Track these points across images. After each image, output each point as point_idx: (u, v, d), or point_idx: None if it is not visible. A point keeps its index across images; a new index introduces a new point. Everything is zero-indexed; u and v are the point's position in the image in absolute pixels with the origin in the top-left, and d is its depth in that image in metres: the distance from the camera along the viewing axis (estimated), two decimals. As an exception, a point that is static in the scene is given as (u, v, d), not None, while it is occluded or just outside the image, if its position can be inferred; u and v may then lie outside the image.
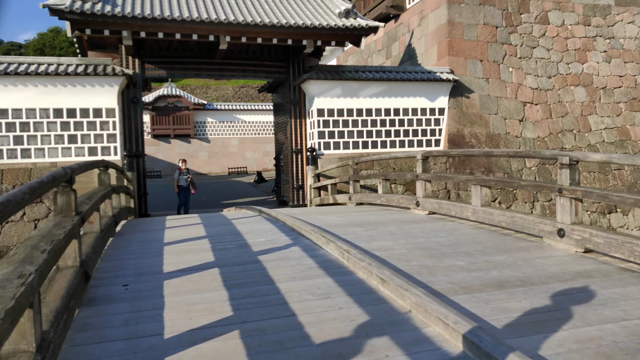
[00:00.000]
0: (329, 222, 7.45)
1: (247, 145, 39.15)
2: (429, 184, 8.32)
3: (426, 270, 4.74)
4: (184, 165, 14.93)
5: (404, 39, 19.56)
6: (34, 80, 12.12)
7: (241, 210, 10.67)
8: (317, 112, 14.45)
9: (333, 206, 11.89)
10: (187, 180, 14.66)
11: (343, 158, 14.60)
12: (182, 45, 14.10)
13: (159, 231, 7.15)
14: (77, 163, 4.64)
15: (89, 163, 5.03)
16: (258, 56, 14.74)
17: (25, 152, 12.21)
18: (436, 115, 15.80)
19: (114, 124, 12.83)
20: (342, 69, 14.95)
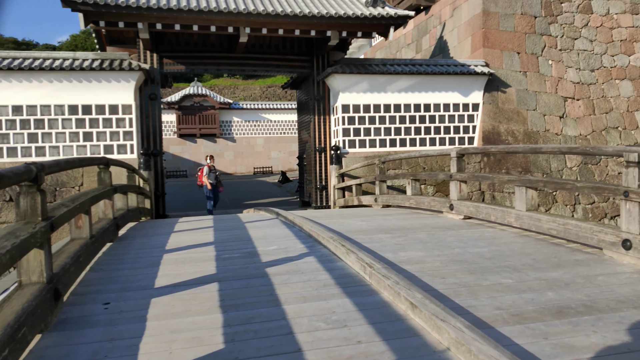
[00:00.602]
0: (350, 228, 6.67)
1: (272, 144, 38.68)
2: (465, 185, 7.44)
3: (466, 290, 3.91)
4: (212, 161, 14.12)
5: (434, 32, 18.57)
6: (48, 76, 11.73)
7: (259, 212, 9.99)
8: (341, 109, 13.67)
9: (357, 208, 11.09)
10: (216, 178, 13.94)
11: (369, 157, 13.76)
12: (201, 40, 13.53)
13: (163, 236, 6.51)
14: (54, 159, 4.00)
15: (71, 160, 4.39)
16: (280, 50, 14.06)
17: (40, 150, 11.83)
18: (470, 111, 14.79)
19: (130, 121, 12.34)
20: (369, 62, 14.12)
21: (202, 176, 13.71)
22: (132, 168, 9.06)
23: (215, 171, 13.92)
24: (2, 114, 11.60)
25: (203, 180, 13.63)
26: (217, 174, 13.96)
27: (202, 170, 13.75)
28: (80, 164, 4.74)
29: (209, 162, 14.00)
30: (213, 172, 13.86)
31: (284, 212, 7.87)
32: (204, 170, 13.71)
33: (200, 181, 13.76)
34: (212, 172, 13.78)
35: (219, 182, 14.00)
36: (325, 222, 7.24)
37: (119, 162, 7.36)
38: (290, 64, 14.12)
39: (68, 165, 4.26)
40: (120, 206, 7.65)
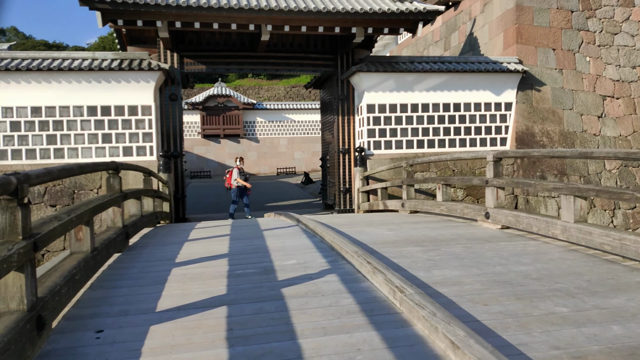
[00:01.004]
0: (377, 238, 6.11)
1: (296, 145, 38.31)
2: (502, 192, 6.80)
3: (514, 321, 3.33)
4: (241, 163, 13.47)
5: (464, 28, 17.82)
6: (67, 77, 11.50)
7: (279, 217, 9.51)
8: (366, 108, 13.10)
9: (383, 213, 10.51)
10: (245, 180, 13.32)
11: (395, 159, 13.16)
12: (222, 39, 13.15)
13: (175, 245, 6.08)
14: (45, 168, 3.58)
15: (68, 167, 3.96)
16: (303, 48, 13.57)
17: (58, 151, 11.62)
18: (502, 110, 14.03)
19: (150, 122, 12.04)
20: (395, 59, 13.51)
21: (230, 178, 13.13)
22: (148, 171, 8.69)
23: (244, 174, 13.35)
24: (22, 115, 11.43)
25: (232, 182, 13.03)
26: (246, 176, 13.39)
27: (231, 172, 13.17)
28: (81, 171, 4.34)
29: (239, 164, 13.40)
30: (242, 174, 13.26)
31: (304, 220, 7.36)
32: (233, 172, 13.11)
33: (229, 183, 13.17)
34: (241, 175, 13.17)
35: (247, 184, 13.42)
36: (348, 231, 6.71)
37: (132, 166, 6.98)
38: (314, 62, 13.62)
39: (65, 173, 3.84)
40: (134, 212, 7.27)
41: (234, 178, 12.97)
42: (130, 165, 6.76)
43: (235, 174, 13.00)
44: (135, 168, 7.33)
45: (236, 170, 13.09)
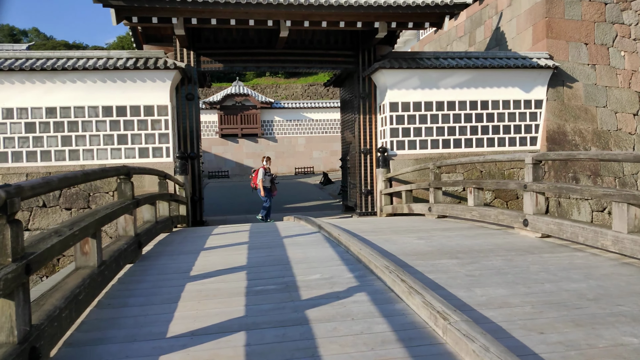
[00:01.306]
0: (406, 248, 5.64)
1: (314, 144, 37.92)
2: (542, 198, 6.27)
3: (579, 355, 2.84)
4: (268, 163, 12.84)
5: (490, 23, 17.17)
6: (82, 76, 11.26)
7: (300, 222, 9.09)
8: (389, 107, 12.60)
9: (409, 218, 10.02)
10: (271, 181, 12.67)
11: (420, 159, 12.64)
12: (240, 36, 12.79)
13: (191, 255, 5.70)
14: (43, 177, 3.19)
15: (71, 176, 3.58)
16: (323, 45, 13.13)
17: (74, 153, 11.39)
18: (532, 108, 13.40)
19: (166, 123, 11.74)
20: (420, 55, 12.98)
21: (256, 178, 12.58)
22: (164, 174, 8.35)
23: (271, 174, 12.79)
24: (36, 116, 11.23)
25: (257, 183, 12.50)
26: (272, 176, 12.82)
27: (257, 172, 12.61)
28: (86, 179, 3.97)
29: (265, 164, 12.78)
30: (269, 174, 12.66)
31: (327, 226, 6.93)
32: (258, 172, 12.54)
33: (255, 183, 12.65)
34: (267, 175, 12.57)
35: (273, 186, 12.78)
36: (374, 240, 6.25)
37: (146, 169, 6.63)
38: (334, 59, 13.17)
39: (65, 183, 3.46)
40: (148, 217, 6.93)
41: (259, 178, 12.43)
42: (143, 169, 6.40)
43: (260, 174, 12.45)
44: (150, 172, 6.98)
45: (262, 171, 12.52)
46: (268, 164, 12.85)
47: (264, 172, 12.51)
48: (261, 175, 12.40)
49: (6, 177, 11.06)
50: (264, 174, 12.49)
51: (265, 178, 12.46)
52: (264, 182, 12.38)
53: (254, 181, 12.62)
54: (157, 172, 7.83)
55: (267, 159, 13.01)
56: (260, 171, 12.51)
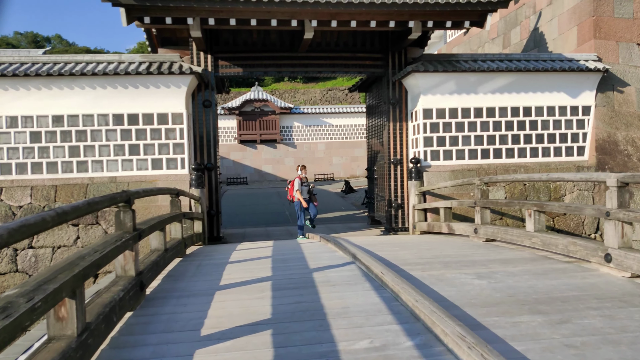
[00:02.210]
0: (469, 294, 4.56)
1: (334, 150, 36.96)
2: (630, 228, 5.13)
3: None
4: (304, 172, 11.58)
5: (527, 23, 15.97)
6: (91, 82, 10.44)
7: (327, 243, 8.07)
8: (423, 113, 11.52)
9: (449, 238, 8.91)
10: (309, 191, 11.42)
11: (456, 171, 11.52)
12: (261, 38, 11.86)
13: (203, 298, 4.70)
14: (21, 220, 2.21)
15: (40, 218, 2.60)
16: (350, 47, 12.12)
17: (82, 165, 10.56)
18: (579, 115, 12.17)
19: (181, 132, 10.84)
20: (455, 57, 11.87)
21: (292, 190, 11.38)
22: (176, 192, 7.41)
23: (308, 184, 11.53)
24: (42, 125, 10.43)
25: (294, 195, 11.30)
26: (310, 186, 11.54)
27: (293, 182, 11.39)
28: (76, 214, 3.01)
29: (301, 173, 11.52)
30: (305, 184, 11.42)
31: (363, 256, 5.88)
32: (294, 183, 11.31)
33: (291, 196, 11.42)
34: (304, 185, 11.36)
35: (312, 197, 11.54)
36: (423, 277, 5.19)
37: (152, 190, 5.68)
38: (361, 62, 12.14)
39: (38, 227, 2.48)
40: (156, 245, 5.97)
41: (295, 189, 11.25)
42: (149, 190, 5.44)
43: (296, 185, 11.26)
44: (158, 192, 6.02)
45: (298, 181, 11.31)
46: (304, 173, 11.55)
47: (301, 183, 11.32)
48: (297, 186, 11.23)
49: (9, 190, 10.27)
50: (301, 184, 11.30)
51: (302, 189, 11.28)
52: (301, 193, 11.21)
53: (290, 193, 11.43)
54: (169, 190, 6.88)
55: (303, 167, 11.66)
56: (296, 182, 11.31)
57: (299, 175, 11.46)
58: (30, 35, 71.22)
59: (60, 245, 10.11)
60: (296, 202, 11.28)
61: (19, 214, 10.19)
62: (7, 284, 9.92)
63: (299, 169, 11.64)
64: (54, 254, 10.07)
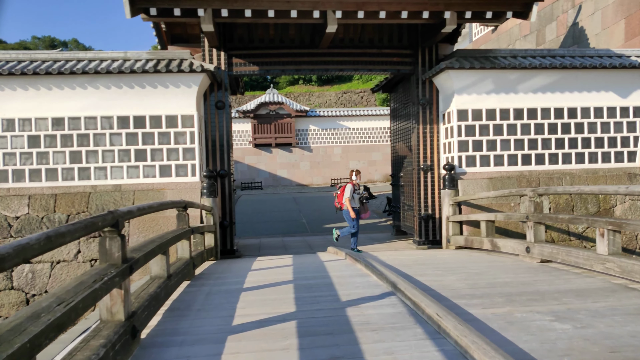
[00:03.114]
0: (556, 346, 3.49)
1: (350, 154, 35.95)
2: None
3: None
4: (358, 178, 10.23)
5: (564, 18, 14.79)
6: (94, 81, 9.56)
7: (355, 263, 7.03)
8: (457, 115, 10.43)
9: (492, 255, 7.80)
10: (360, 200, 10.12)
11: (495, 178, 10.41)
12: (278, 35, 10.89)
13: (211, 347, 3.69)
14: None
15: None
16: (375, 43, 11.09)
17: (84, 171, 9.67)
18: (630, 117, 10.98)
19: (191, 136, 9.90)
20: (493, 53, 10.77)
21: (342, 196, 10.08)
22: (183, 204, 6.44)
23: (359, 191, 10.17)
24: (41, 129, 9.57)
25: (343, 202, 10.00)
26: (362, 194, 10.20)
27: (344, 188, 10.14)
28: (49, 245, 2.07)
29: (355, 178, 10.21)
30: (358, 192, 10.13)
31: (407, 287, 4.83)
32: (345, 190, 10.04)
33: (339, 202, 10.15)
34: (356, 193, 10.06)
35: (363, 206, 10.16)
36: (489, 319, 4.13)
37: (153, 206, 4.70)
38: (387, 59, 11.10)
39: None
40: (157, 272, 5.00)
41: (345, 196, 9.95)
42: (147, 207, 4.47)
43: (348, 192, 9.93)
44: (159, 207, 5.04)
45: (350, 188, 9.96)
46: (358, 178, 10.21)
47: (353, 189, 9.99)
48: (349, 193, 9.90)
49: (5, 199, 9.42)
50: (353, 191, 9.99)
51: (354, 196, 9.98)
52: (352, 201, 9.89)
53: (339, 200, 10.14)
54: (173, 204, 5.91)
55: (357, 172, 10.29)
56: (347, 189, 9.98)
57: (352, 181, 10.15)
58: (47, 40, 71.59)
59: (60, 260, 9.22)
60: (346, 211, 10.03)
61: (15, 225, 9.33)
62: (2, 303, 9.05)
63: (352, 174, 10.26)
64: (52, 269, 9.18)
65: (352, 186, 10.01)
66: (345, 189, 9.99)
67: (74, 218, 9.45)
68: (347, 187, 10.02)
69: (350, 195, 9.88)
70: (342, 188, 10.14)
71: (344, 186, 10.11)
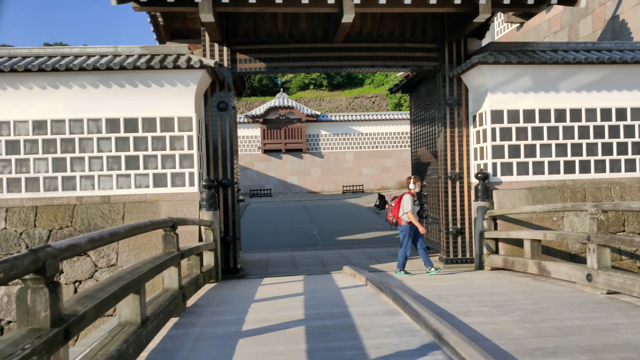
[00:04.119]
0: None
1: (363, 160, 34.72)
2: None
3: None
4: (417, 186, 8.58)
5: (601, 11, 13.49)
6: (80, 79, 8.47)
7: (380, 294, 5.81)
8: (491, 116, 9.19)
9: (541, 282, 6.52)
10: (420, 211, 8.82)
11: (534, 188, 9.14)
12: (287, 29, 9.76)
13: None
14: None
15: None
16: (395, 37, 9.91)
17: (69, 181, 8.57)
18: (686, 118, 9.66)
19: (189, 140, 8.77)
20: (531, 47, 9.53)
21: (398, 209, 8.42)
22: (171, 223, 5.28)
23: (420, 202, 8.63)
24: (21, 133, 8.49)
25: (400, 216, 8.37)
26: (423, 206, 8.63)
27: (399, 200, 8.45)
28: None
29: (413, 187, 8.52)
30: (418, 203, 8.65)
31: (457, 340, 3.61)
32: (404, 200, 8.34)
33: (395, 217, 8.44)
34: (416, 205, 8.50)
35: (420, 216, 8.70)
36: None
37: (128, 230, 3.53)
38: (409, 55, 9.90)
39: None
40: (127, 317, 3.82)
41: (404, 210, 8.30)
42: (109, 234, 3.31)
43: (407, 204, 8.28)
44: (129, 232, 3.87)
45: (408, 199, 8.34)
46: (417, 187, 8.56)
47: (412, 200, 8.39)
48: (409, 205, 8.24)
49: (-20, 213, 8.34)
50: (413, 201, 8.38)
51: (414, 208, 8.39)
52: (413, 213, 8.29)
53: (394, 213, 8.48)
54: (154, 225, 4.74)
55: (416, 179, 8.62)
56: (406, 199, 8.33)
57: (410, 191, 8.52)
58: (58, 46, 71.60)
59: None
60: (402, 227, 8.40)
61: (-10, 242, 8.24)
62: (-27, 331, 7.95)
63: (410, 182, 8.59)
64: (30, 293, 8.05)
65: (412, 197, 8.41)
66: (404, 200, 8.36)
67: (57, 234, 8.34)
68: (405, 197, 8.38)
69: (411, 208, 8.24)
70: (397, 200, 8.54)
71: (400, 197, 8.51)
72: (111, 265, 8.26)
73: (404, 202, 8.35)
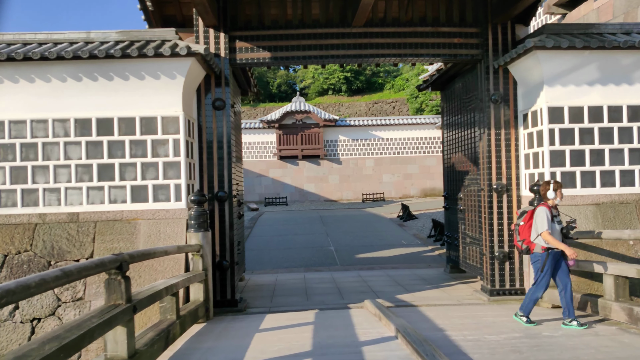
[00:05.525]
0: None
1: (384, 166, 32.97)
2: None
3: None
4: (559, 196, 5.87)
5: (666, -7, 11.58)
6: (44, 71, 6.96)
7: (412, 353, 4.09)
8: (548, 115, 7.39)
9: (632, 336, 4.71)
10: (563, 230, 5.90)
11: (603, 204, 7.30)
12: (297, 14, 8.14)
13: None
14: None
15: None
16: (426, 20, 8.20)
17: (30, 195, 7.04)
18: None
19: (176, 145, 7.18)
20: (596, 28, 7.72)
21: (528, 232, 5.93)
22: (118, 263, 3.66)
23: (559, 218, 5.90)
24: (-28, 137, 7.02)
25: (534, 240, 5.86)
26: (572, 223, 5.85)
27: (531, 214, 5.93)
28: None
29: (553, 195, 5.84)
30: (558, 218, 5.86)
31: None
32: (536, 216, 5.78)
33: (527, 242, 5.95)
34: (556, 220, 5.81)
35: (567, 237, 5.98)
36: None
37: None
38: (445, 41, 8.17)
39: None
40: None
41: (537, 231, 5.74)
42: None
43: (542, 221, 5.67)
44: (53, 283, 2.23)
45: (544, 213, 5.71)
46: (559, 197, 5.88)
47: (551, 215, 5.75)
48: (547, 223, 5.65)
49: None
50: (551, 218, 5.72)
51: (554, 227, 5.76)
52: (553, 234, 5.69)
53: (524, 236, 5.98)
54: (85, 271, 3.12)
55: (557, 185, 5.86)
56: (541, 213, 5.73)
57: (545, 202, 5.88)
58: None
59: (-12, 321, 6.57)
60: (537, 255, 5.87)
61: None
62: None
63: (550, 188, 5.84)
64: (-23, 333, 6.54)
65: (549, 211, 5.76)
66: (537, 215, 5.76)
67: (13, 260, 6.81)
68: (538, 212, 5.76)
69: (549, 227, 5.64)
70: (527, 215, 5.97)
71: (532, 211, 5.93)
72: (77, 299, 6.69)
73: (536, 219, 5.76)
